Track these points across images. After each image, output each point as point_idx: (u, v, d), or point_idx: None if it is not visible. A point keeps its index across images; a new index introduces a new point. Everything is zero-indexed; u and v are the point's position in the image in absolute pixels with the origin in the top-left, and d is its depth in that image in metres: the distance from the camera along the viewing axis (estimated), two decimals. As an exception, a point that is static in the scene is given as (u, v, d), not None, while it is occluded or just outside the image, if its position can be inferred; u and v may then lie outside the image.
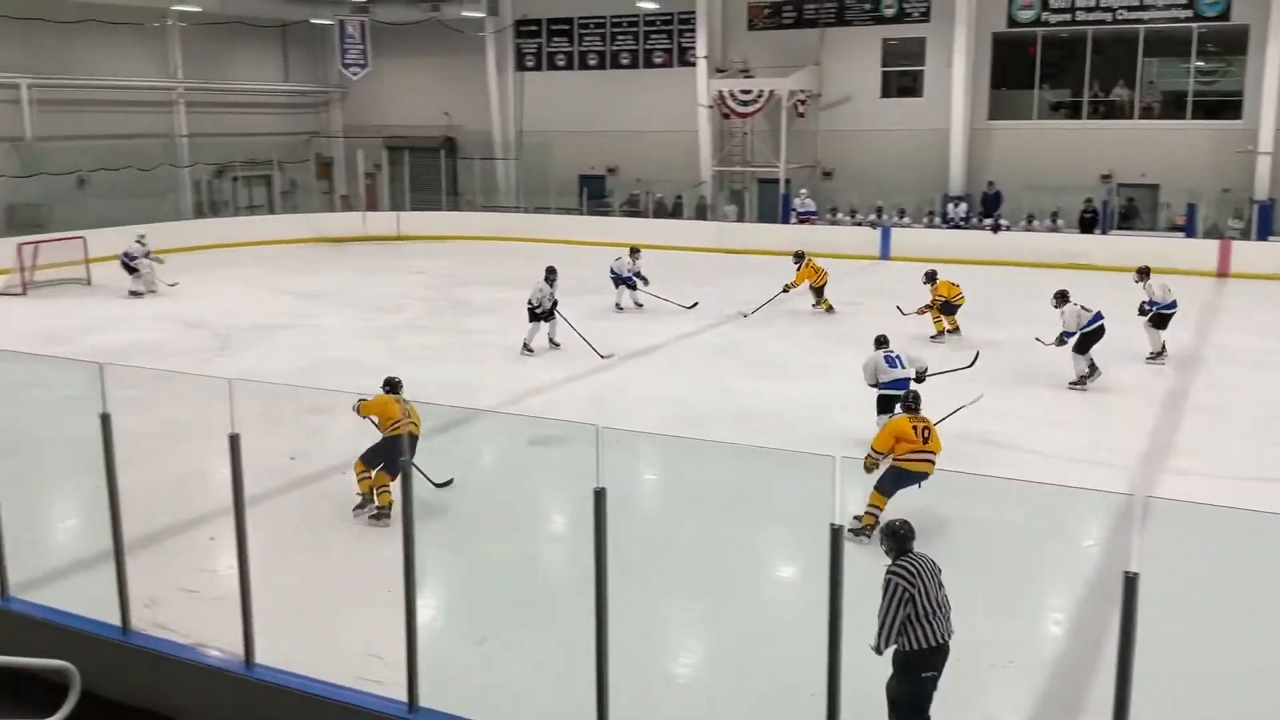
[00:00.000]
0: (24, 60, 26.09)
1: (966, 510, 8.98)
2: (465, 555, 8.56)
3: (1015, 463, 10.59)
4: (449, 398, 11.99)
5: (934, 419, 9.06)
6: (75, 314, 18.93)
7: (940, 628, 5.40)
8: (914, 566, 5.44)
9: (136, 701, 6.40)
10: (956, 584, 5.65)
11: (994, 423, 11.38)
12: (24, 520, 7.58)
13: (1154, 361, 14.66)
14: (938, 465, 8.56)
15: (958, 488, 8.78)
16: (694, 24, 28.76)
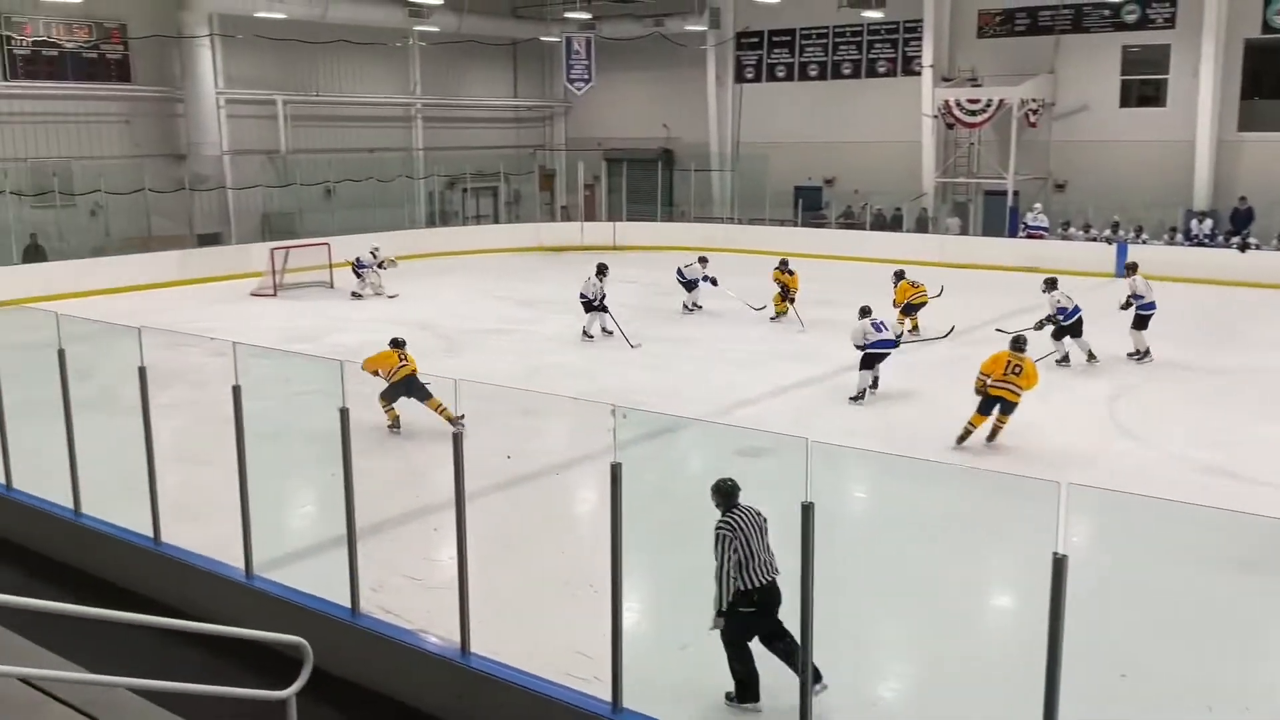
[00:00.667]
0: (281, 79, 28.26)
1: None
2: (670, 561, 8.63)
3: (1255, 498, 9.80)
4: (658, 405, 12.15)
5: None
6: (319, 314, 20.28)
7: (761, 572, 6.06)
8: (737, 519, 6.13)
9: (361, 680, 6.78)
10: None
11: (1236, 452, 10.57)
12: (269, 504, 8.17)
13: (1136, 359, 15.48)
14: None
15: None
16: (920, 32, 28.11)
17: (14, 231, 22.51)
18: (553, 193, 35.00)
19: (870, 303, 14.22)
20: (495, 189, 33.49)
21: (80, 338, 9.23)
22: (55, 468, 8.80)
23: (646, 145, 33.29)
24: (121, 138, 25.36)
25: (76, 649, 5.48)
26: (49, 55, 23.89)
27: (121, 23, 24.94)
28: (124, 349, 8.23)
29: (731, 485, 6.30)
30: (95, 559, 8.58)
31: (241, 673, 6.36)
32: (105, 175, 24.29)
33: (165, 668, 5.69)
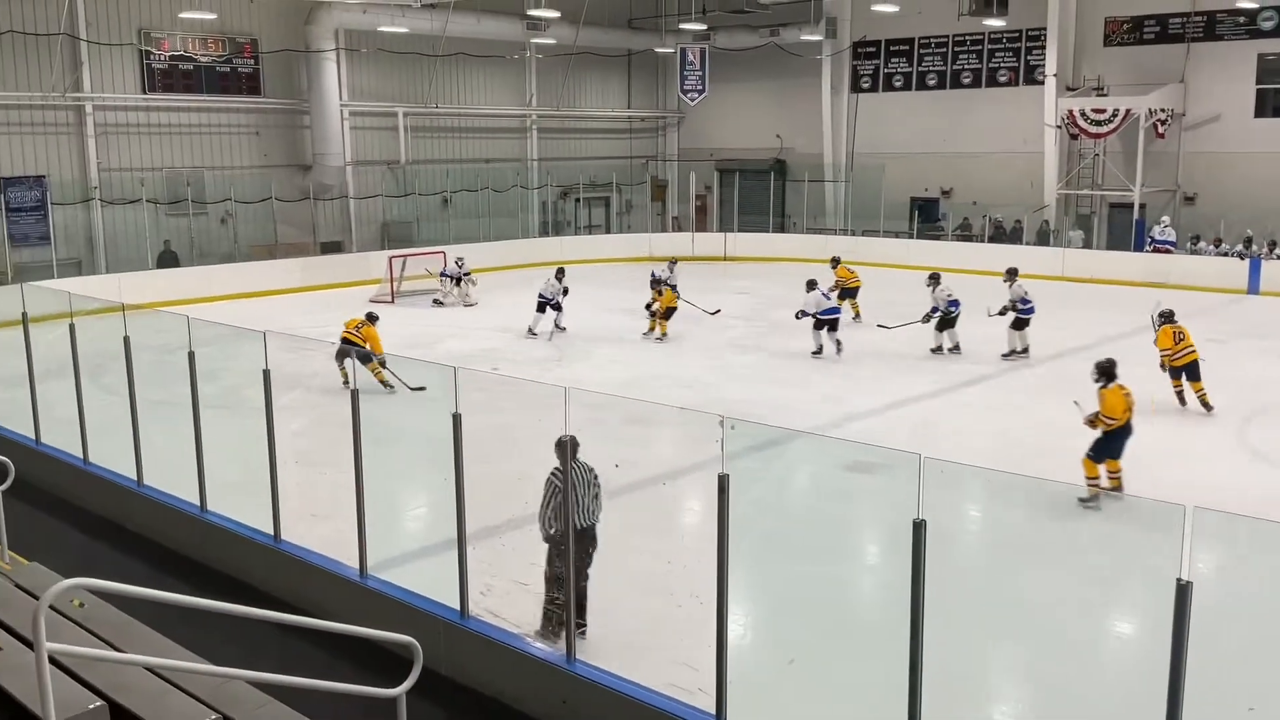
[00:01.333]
0: (402, 91, 29.01)
1: None
2: (777, 575, 8.55)
3: None
4: (767, 417, 12.06)
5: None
6: (433, 321, 20.72)
7: (581, 517, 7.10)
8: (567, 471, 6.89)
9: (467, 681, 6.88)
10: None
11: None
12: (383, 506, 8.36)
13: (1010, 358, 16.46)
14: None
15: None
16: (1044, 40, 27.41)
17: (149, 238, 23.58)
18: (664, 203, 35.13)
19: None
20: (607, 199, 33.78)
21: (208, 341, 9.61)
22: (183, 465, 9.15)
23: (759, 155, 33.16)
24: (251, 148, 26.35)
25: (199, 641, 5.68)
26: (185, 69, 24.97)
27: (253, 37, 25.95)
28: (249, 352, 8.52)
29: (572, 440, 6.98)
30: (218, 554, 8.89)
31: (352, 669, 6.50)
32: (235, 185, 25.31)
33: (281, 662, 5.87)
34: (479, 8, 27.30)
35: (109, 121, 23.85)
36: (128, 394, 9.57)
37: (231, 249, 25.34)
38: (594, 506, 7.21)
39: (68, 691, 4.49)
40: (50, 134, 23.11)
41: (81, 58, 23.10)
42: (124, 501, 9.86)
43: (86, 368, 10.45)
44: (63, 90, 22.94)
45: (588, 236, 32.31)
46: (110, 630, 5.57)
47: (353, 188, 27.92)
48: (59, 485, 10.58)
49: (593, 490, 7.23)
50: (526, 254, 28.00)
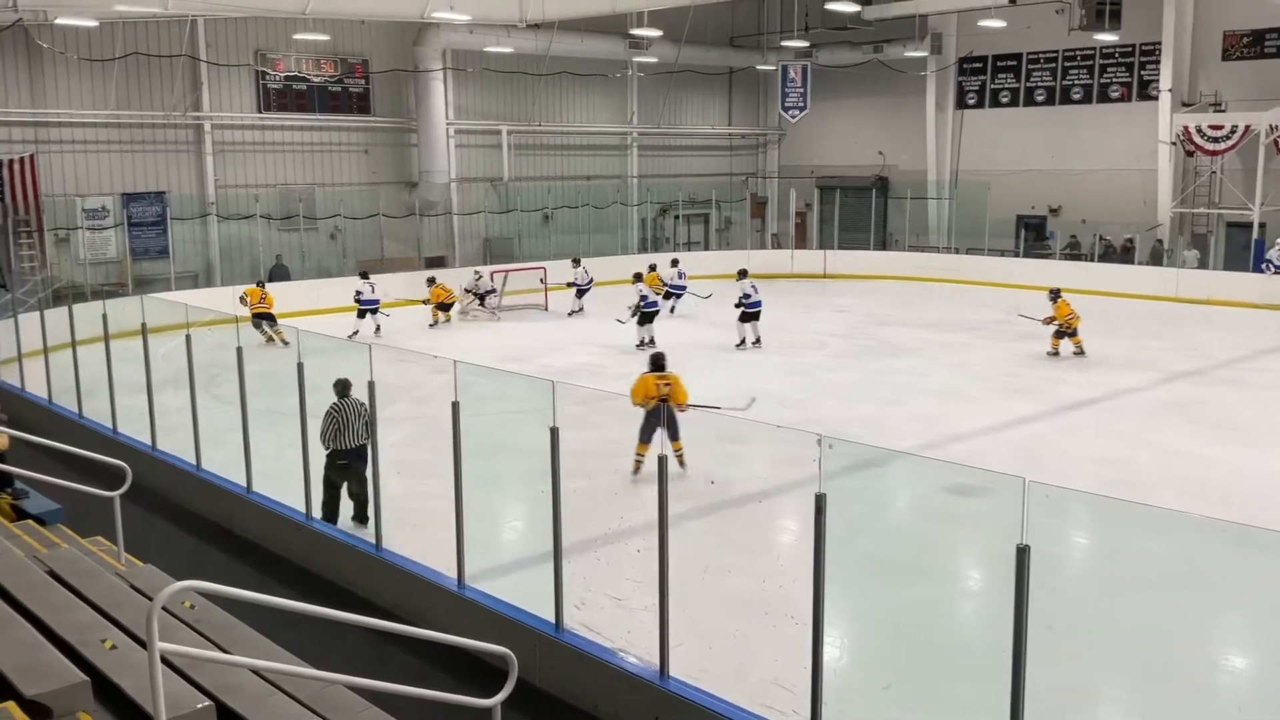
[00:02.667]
0: (506, 109, 29.52)
1: None
2: (875, 597, 8.42)
3: None
4: (864, 436, 11.90)
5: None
6: (533, 336, 20.96)
7: (351, 440, 9.38)
8: (344, 405, 9.40)
9: (561, 694, 6.91)
10: None
11: None
12: (481, 517, 8.47)
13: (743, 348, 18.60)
14: None
15: None
16: (1158, 55, 26.61)
17: (262, 252, 24.37)
18: (764, 220, 35.02)
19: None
20: (706, 216, 33.80)
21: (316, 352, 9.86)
22: (289, 473, 9.41)
23: (861, 172, 32.85)
24: (360, 165, 27.08)
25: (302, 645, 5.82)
26: (298, 89, 25.79)
27: (364, 58, 26.68)
28: (355, 364, 8.73)
29: (345, 382, 9.40)
30: (322, 561, 9.11)
31: (449, 679, 6.59)
32: (344, 201, 26.03)
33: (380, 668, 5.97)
34: (582, 28, 27.61)
35: (226, 140, 24.76)
36: (239, 403, 9.89)
37: (340, 263, 26.04)
38: (364, 432, 9.27)
39: (177, 690, 4.64)
40: (171, 152, 24.09)
41: (201, 79, 24.03)
42: (233, 507, 10.19)
43: (200, 377, 10.83)
44: (184, 110, 23.90)
45: (686, 253, 32.33)
46: (218, 632, 5.75)
47: (457, 204, 28.47)
48: (173, 490, 10.97)
49: (362, 420, 9.28)
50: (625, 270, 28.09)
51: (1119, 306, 22.64)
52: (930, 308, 23.21)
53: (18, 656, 4.71)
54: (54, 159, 22.36)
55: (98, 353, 12.57)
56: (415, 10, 22.58)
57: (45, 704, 4.43)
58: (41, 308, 15.72)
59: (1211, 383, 16.01)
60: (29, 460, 9.37)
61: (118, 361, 12.47)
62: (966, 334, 20.22)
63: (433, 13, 22.25)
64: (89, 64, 22.40)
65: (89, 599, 5.81)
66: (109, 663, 4.92)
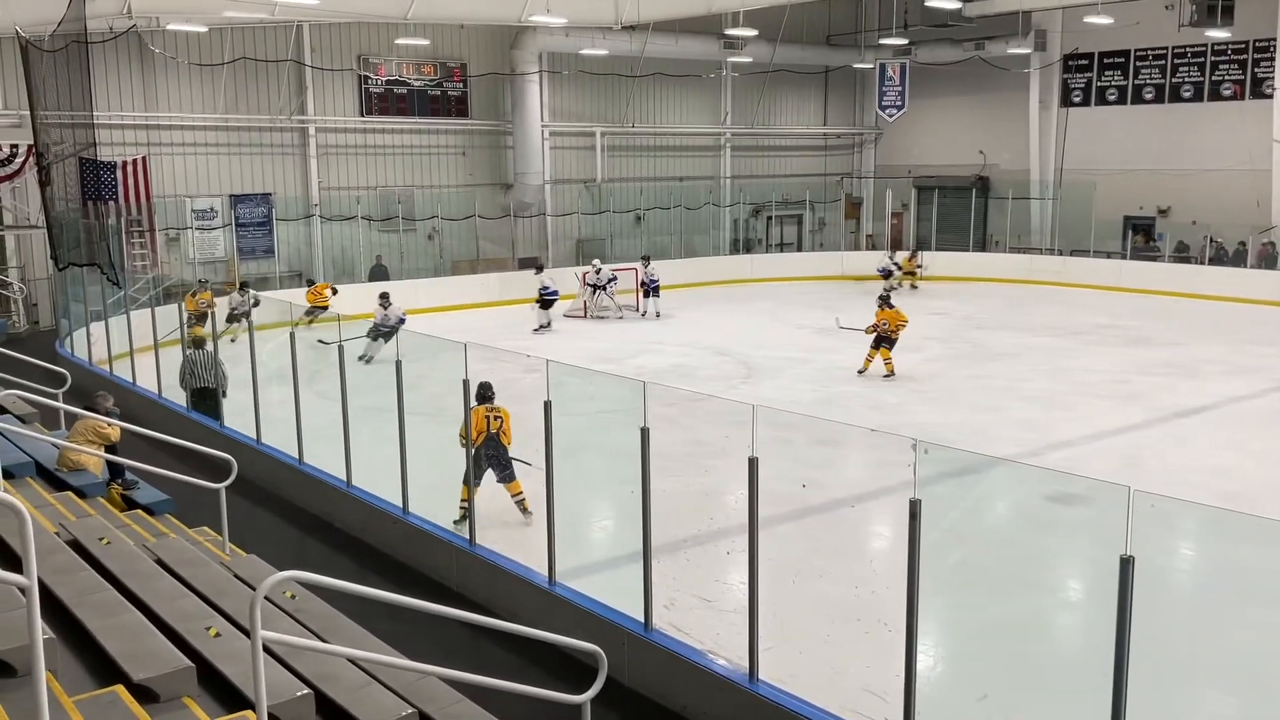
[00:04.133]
0: (599, 111, 29.70)
1: None
2: (971, 606, 8.25)
3: None
4: (963, 443, 11.65)
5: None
6: (625, 336, 21.04)
7: (198, 382, 12.78)
8: (198, 356, 12.72)
9: (650, 693, 6.92)
10: None
11: None
12: (572, 516, 8.53)
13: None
14: None
15: None
16: (1273, 52, 25.56)
17: (362, 252, 24.93)
18: (859, 220, 34.61)
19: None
20: (800, 216, 33.54)
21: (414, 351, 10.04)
22: (388, 469, 9.59)
23: (960, 172, 32.22)
24: (457, 168, 27.52)
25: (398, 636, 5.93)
26: (399, 93, 26.31)
27: (462, 62, 27.10)
28: (451, 363, 8.87)
29: (201, 350, 12.88)
30: (418, 555, 9.26)
31: (540, 674, 6.65)
32: (441, 202, 26.48)
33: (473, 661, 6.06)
34: (677, 28, 27.64)
35: (329, 143, 25.40)
36: (340, 399, 10.12)
37: (437, 263, 26.49)
38: (219, 375, 12.42)
39: (278, 678, 4.77)
40: (276, 154, 24.80)
41: (306, 83, 24.68)
42: (334, 500, 10.43)
43: (303, 373, 11.12)
44: (289, 113, 24.58)
45: (779, 254, 32.16)
46: (317, 622, 5.90)
47: (550, 205, 28.74)
48: (276, 483, 11.28)
49: (220, 370, 12.62)
50: (718, 271, 28.11)
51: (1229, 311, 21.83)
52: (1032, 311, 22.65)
53: (126, 642, 4.89)
54: (165, 161, 23.19)
55: (206, 349, 13.00)
56: (513, 13, 22.87)
57: (152, 688, 4.59)
58: (152, 305, 16.31)
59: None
60: (139, 452, 9.73)
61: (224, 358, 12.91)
62: (1070, 339, 19.70)
63: (530, 16, 22.51)
64: (198, 68, 23.17)
65: (195, 587, 6.01)
66: (213, 649, 5.08)
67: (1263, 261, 25.40)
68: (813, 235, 33.80)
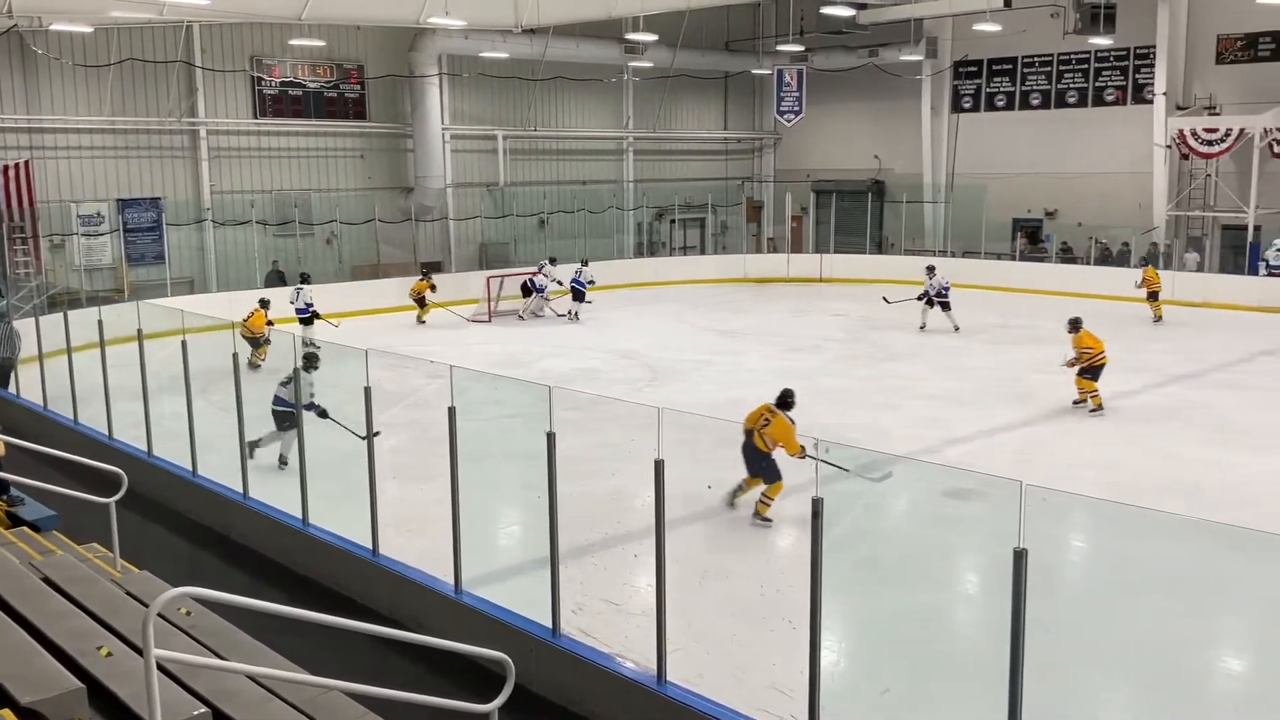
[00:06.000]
0: (501, 115, 29.52)
1: None
2: (872, 601, 8.41)
3: None
4: (861, 441, 11.88)
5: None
6: (529, 340, 20.95)
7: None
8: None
9: (558, 699, 6.89)
10: None
11: None
12: (478, 523, 8.45)
13: None
14: None
15: None
16: (1153, 59, 26.67)
17: (258, 258, 24.35)
18: (760, 224, 35.04)
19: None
20: (703, 220, 33.83)
21: (313, 357, 9.85)
22: (286, 479, 9.39)
23: (857, 176, 32.87)
24: (355, 171, 27.07)
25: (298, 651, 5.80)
26: (294, 94, 25.76)
27: (359, 63, 26.67)
28: (351, 370, 8.72)
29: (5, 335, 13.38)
30: (319, 566, 9.08)
31: (446, 684, 6.57)
32: (340, 206, 26.01)
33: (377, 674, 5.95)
34: (578, 32, 27.64)
35: (221, 145, 24.74)
36: (235, 409, 9.87)
37: (336, 269, 26.02)
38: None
39: (174, 697, 4.62)
40: (166, 157, 24.06)
41: (196, 84, 24.01)
42: (230, 513, 10.16)
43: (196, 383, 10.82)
44: (179, 115, 23.88)
45: (682, 257, 32.39)
46: (214, 638, 5.73)
47: (452, 209, 28.46)
48: (169, 496, 10.94)
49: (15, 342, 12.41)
50: (622, 275, 28.16)
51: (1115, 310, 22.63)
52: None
53: (13, 664, 4.70)
54: (49, 165, 22.31)
55: (93, 359, 12.54)
56: (410, 15, 22.58)
57: (40, 711, 4.41)
58: (36, 314, 15.68)
59: (1209, 386, 16.03)
60: (24, 467, 9.34)
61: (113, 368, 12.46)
62: (963, 339, 20.24)
63: (428, 18, 22.25)
64: (84, 70, 22.37)
65: (85, 606, 5.79)
66: (105, 670, 4.90)
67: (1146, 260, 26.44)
68: (715, 238, 34.11)
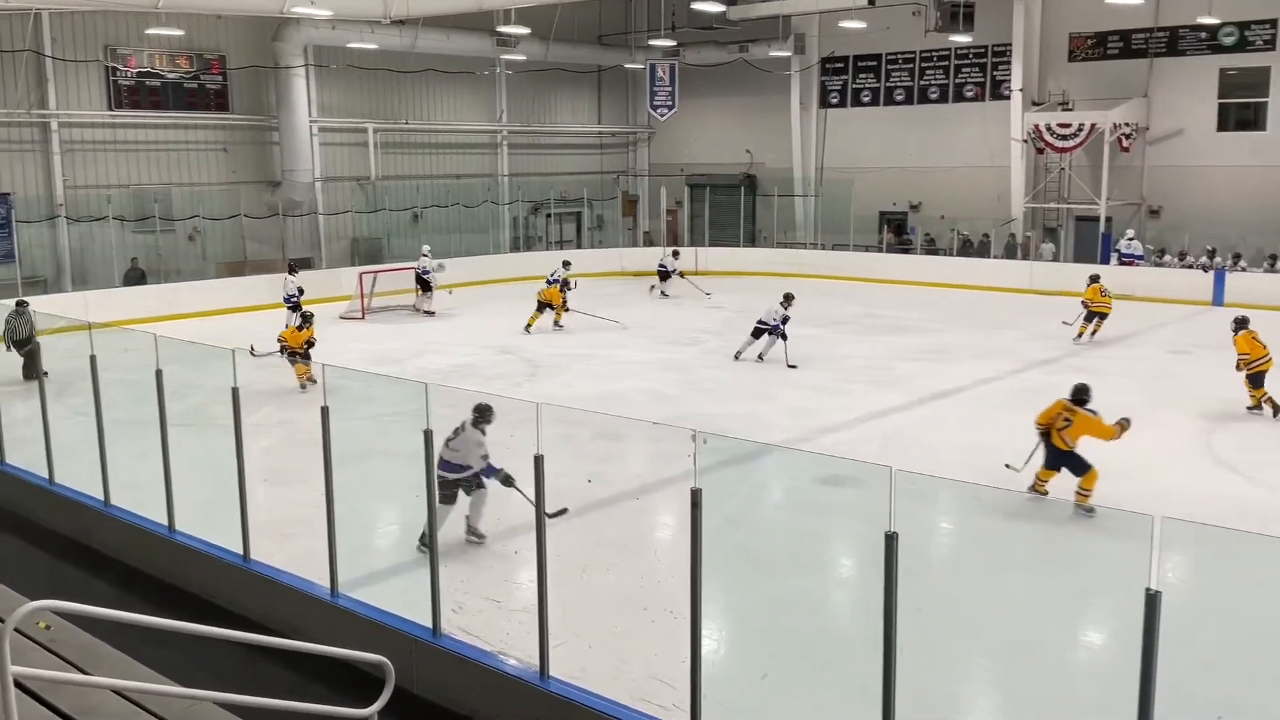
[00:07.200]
0: (372, 107, 28.95)
1: None
2: (750, 589, 8.56)
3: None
4: (740, 431, 12.08)
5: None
6: (405, 337, 20.62)
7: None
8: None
9: (440, 700, 6.83)
10: None
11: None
12: (354, 524, 8.29)
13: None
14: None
15: None
16: (1009, 56, 27.72)
17: (116, 256, 23.35)
18: (635, 218, 35.22)
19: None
20: (579, 214, 33.83)
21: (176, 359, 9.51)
22: (150, 485, 9.05)
23: (730, 170, 33.32)
24: (219, 165, 26.19)
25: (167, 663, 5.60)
26: (152, 86, 24.78)
27: (221, 54, 25.81)
28: (218, 370, 8.46)
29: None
30: (187, 574, 8.79)
31: (324, 690, 6.44)
32: (203, 201, 25.13)
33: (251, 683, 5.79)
34: (449, 24, 27.29)
35: (75, 139, 23.63)
36: (94, 413, 9.47)
37: (200, 266, 25.14)
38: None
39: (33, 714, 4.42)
40: (15, 151, 22.87)
41: (47, 74, 22.89)
42: (90, 522, 9.75)
43: (52, 387, 10.33)
44: (28, 107, 22.72)
45: (559, 252, 32.30)
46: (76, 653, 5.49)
47: (322, 204, 27.79)
48: (24, 506, 10.45)
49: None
50: (498, 270, 27.96)
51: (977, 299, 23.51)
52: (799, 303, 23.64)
53: None
54: (-117, 158, 21.03)
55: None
56: (274, 5, 21.95)
57: (-116, 738, 4.16)
58: (-128, 317, 14.78)
59: (1065, 370, 16.74)
60: None
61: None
62: (833, 328, 20.72)
63: (292, 7, 21.67)
64: (-79, 58, 21.12)
65: (-68, 625, 5.47)
66: (-45, 691, 4.65)
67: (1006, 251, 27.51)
68: (591, 233, 34.14)
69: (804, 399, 15.06)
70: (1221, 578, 8.13)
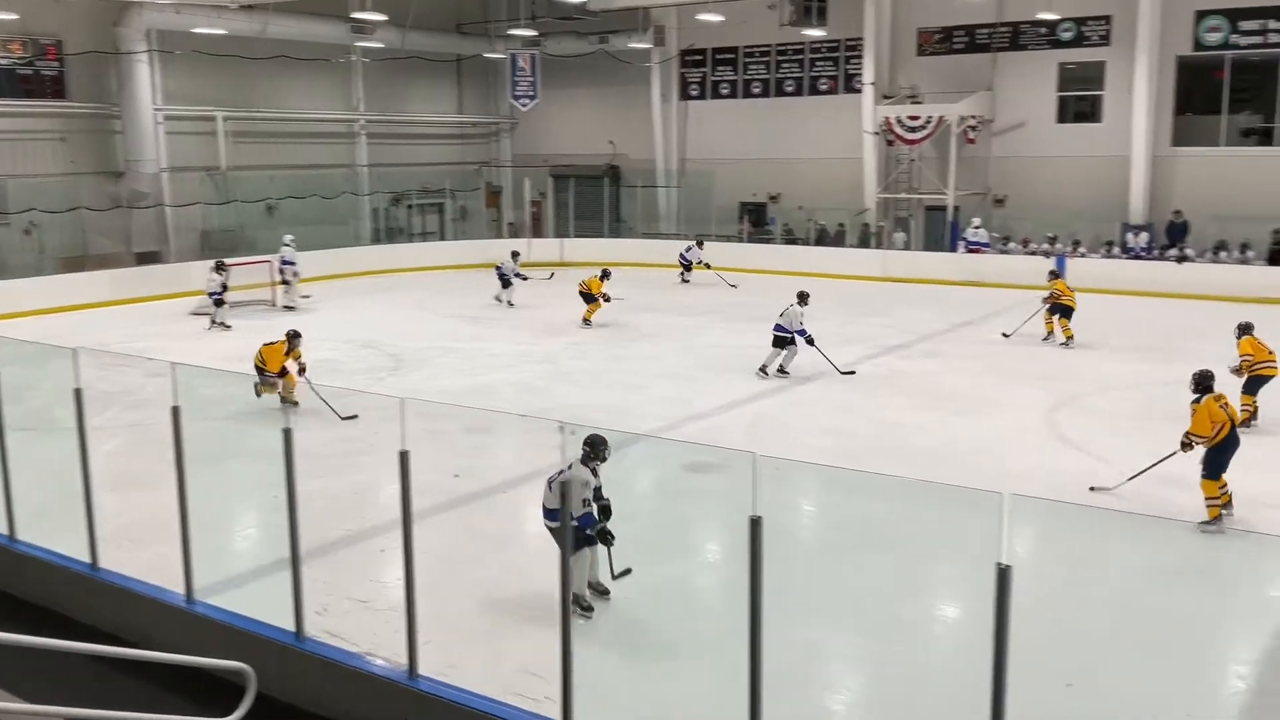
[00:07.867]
0: (220, 95, 27.89)
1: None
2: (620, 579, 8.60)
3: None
4: (608, 421, 12.13)
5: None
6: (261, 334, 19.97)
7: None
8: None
9: (307, 705, 6.66)
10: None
11: (1177, 464, 10.72)
12: (210, 527, 8.01)
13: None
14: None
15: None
16: (861, 50, 28.49)
17: (-56, 251, 22.00)
18: (499, 209, 34.94)
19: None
20: (441, 205, 33.35)
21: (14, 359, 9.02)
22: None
23: (593, 162, 33.34)
24: (57, 155, 24.86)
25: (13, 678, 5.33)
26: (-20, 71, 23.41)
27: (57, 39, 24.50)
28: (59, 370, 8.06)
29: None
30: (31, 585, 8.36)
31: (183, 701, 6.21)
32: (40, 193, 23.80)
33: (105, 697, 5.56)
34: (300, 10, 26.47)
35: (-107, 126, 22.14)
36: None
37: (38, 261, 23.84)
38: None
39: None
40: None
41: None
42: (-80, 535, 9.16)
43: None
44: None
45: (421, 244, 31.83)
46: (-93, 675, 5.18)
47: (169, 195, 26.65)
48: None
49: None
50: (359, 262, 27.39)
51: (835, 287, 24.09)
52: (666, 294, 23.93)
53: None
54: None
55: None
56: (114, -13, 20.96)
57: None
58: None
59: (917, 355, 17.37)
60: None
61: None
62: (699, 318, 20.99)
63: (134, -10, 20.74)
64: None
65: None
66: None
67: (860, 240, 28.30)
68: (455, 224, 33.70)
69: (671, 388, 15.21)
70: (1066, 549, 8.57)
